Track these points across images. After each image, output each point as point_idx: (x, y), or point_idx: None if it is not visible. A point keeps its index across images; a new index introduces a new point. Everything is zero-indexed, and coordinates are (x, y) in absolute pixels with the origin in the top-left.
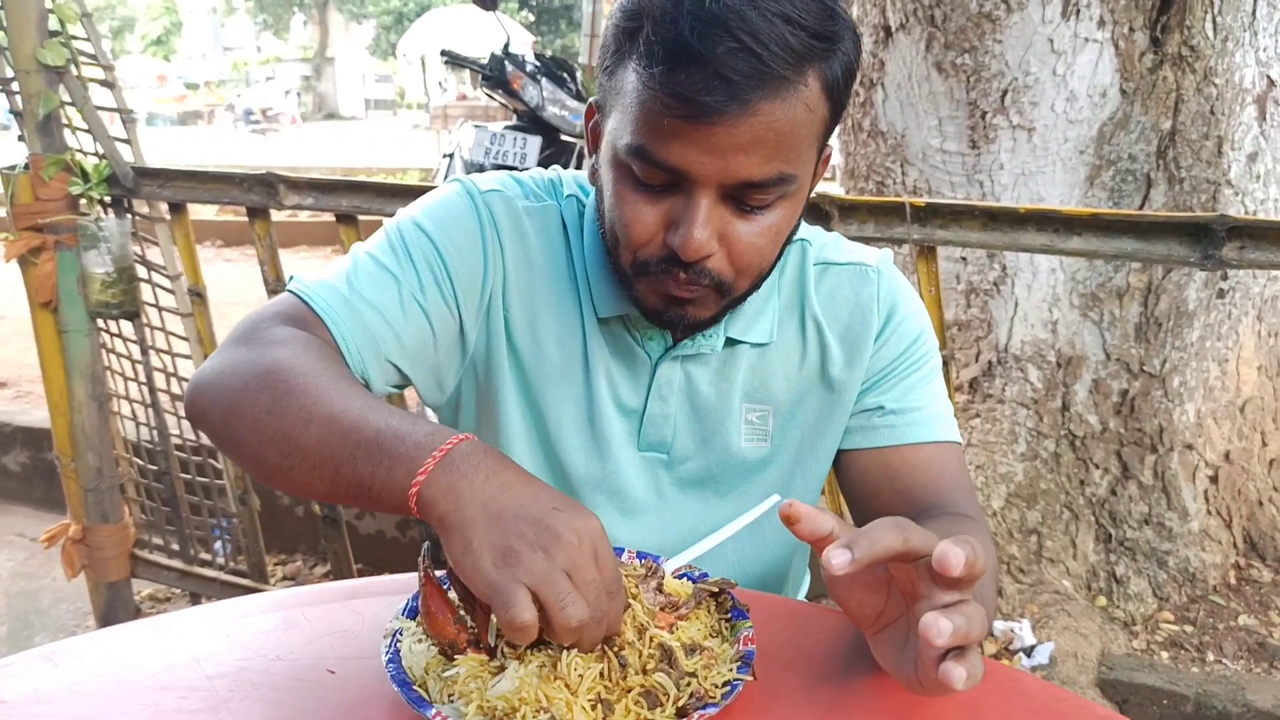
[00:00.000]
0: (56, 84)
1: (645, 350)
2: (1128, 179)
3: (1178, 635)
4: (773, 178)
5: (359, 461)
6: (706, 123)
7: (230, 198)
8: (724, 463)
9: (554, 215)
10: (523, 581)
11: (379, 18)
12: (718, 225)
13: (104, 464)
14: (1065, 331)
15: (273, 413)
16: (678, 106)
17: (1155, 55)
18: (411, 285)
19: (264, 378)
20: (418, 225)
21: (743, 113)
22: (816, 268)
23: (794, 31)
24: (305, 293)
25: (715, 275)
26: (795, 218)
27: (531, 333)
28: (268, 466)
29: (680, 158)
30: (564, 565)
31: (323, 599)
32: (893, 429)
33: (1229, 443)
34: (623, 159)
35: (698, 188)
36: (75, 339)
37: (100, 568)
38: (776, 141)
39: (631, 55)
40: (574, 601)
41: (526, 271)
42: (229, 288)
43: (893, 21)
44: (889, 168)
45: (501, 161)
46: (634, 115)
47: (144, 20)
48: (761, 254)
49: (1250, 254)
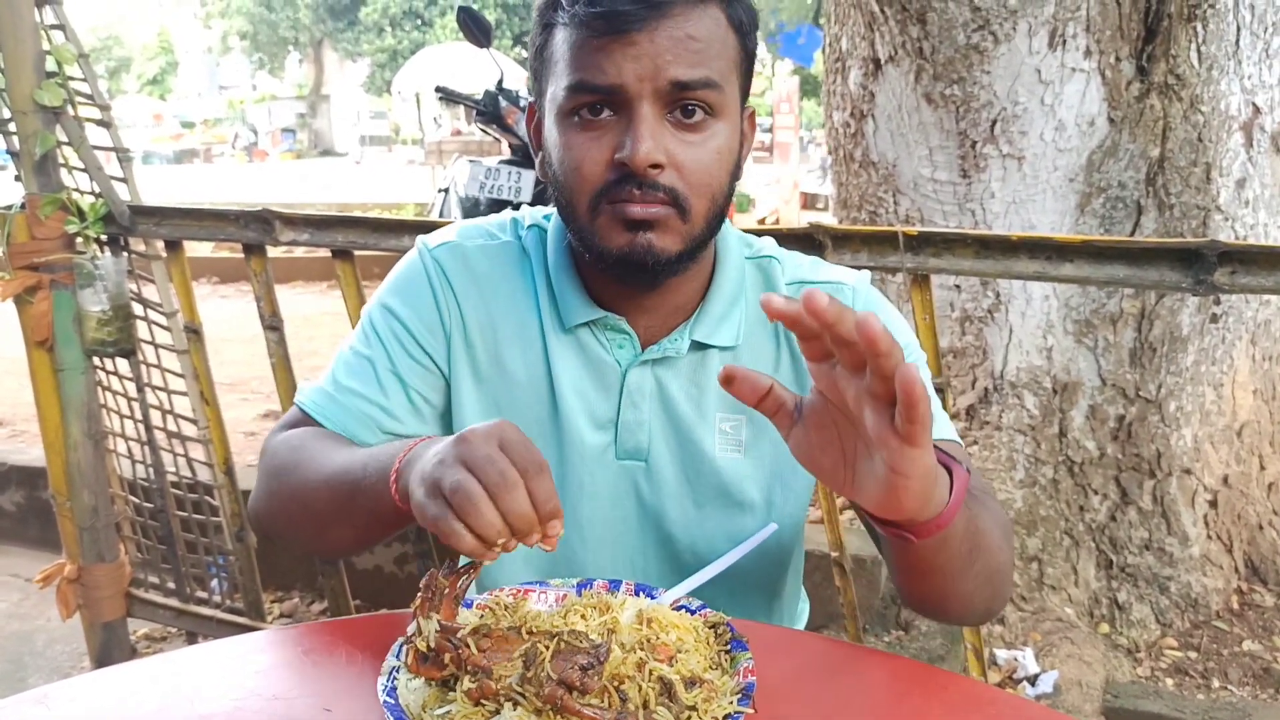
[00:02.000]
0: (53, 124)
1: (615, 358)
2: (1118, 206)
3: (1182, 662)
4: (700, 80)
5: (358, 495)
6: (628, 32)
7: (226, 235)
8: (700, 471)
9: (510, 249)
10: (433, 495)
11: (374, 55)
12: (661, 139)
13: (100, 502)
14: (1060, 358)
15: (295, 497)
16: (602, 25)
17: (1142, 84)
18: (384, 363)
19: (280, 475)
20: (382, 305)
21: (660, 16)
22: (790, 286)
23: None
24: (301, 402)
25: (669, 189)
26: (735, 146)
27: (496, 359)
28: (309, 538)
29: (615, 74)
30: (463, 459)
31: (319, 636)
32: None
33: (1227, 467)
34: (565, 106)
35: (635, 101)
36: (71, 377)
37: (96, 607)
38: (698, 48)
39: (556, 19)
40: (469, 486)
41: (483, 307)
42: (225, 324)
43: (882, 54)
44: (881, 197)
45: (496, 196)
46: (566, 59)
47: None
48: (709, 172)
49: (1241, 279)
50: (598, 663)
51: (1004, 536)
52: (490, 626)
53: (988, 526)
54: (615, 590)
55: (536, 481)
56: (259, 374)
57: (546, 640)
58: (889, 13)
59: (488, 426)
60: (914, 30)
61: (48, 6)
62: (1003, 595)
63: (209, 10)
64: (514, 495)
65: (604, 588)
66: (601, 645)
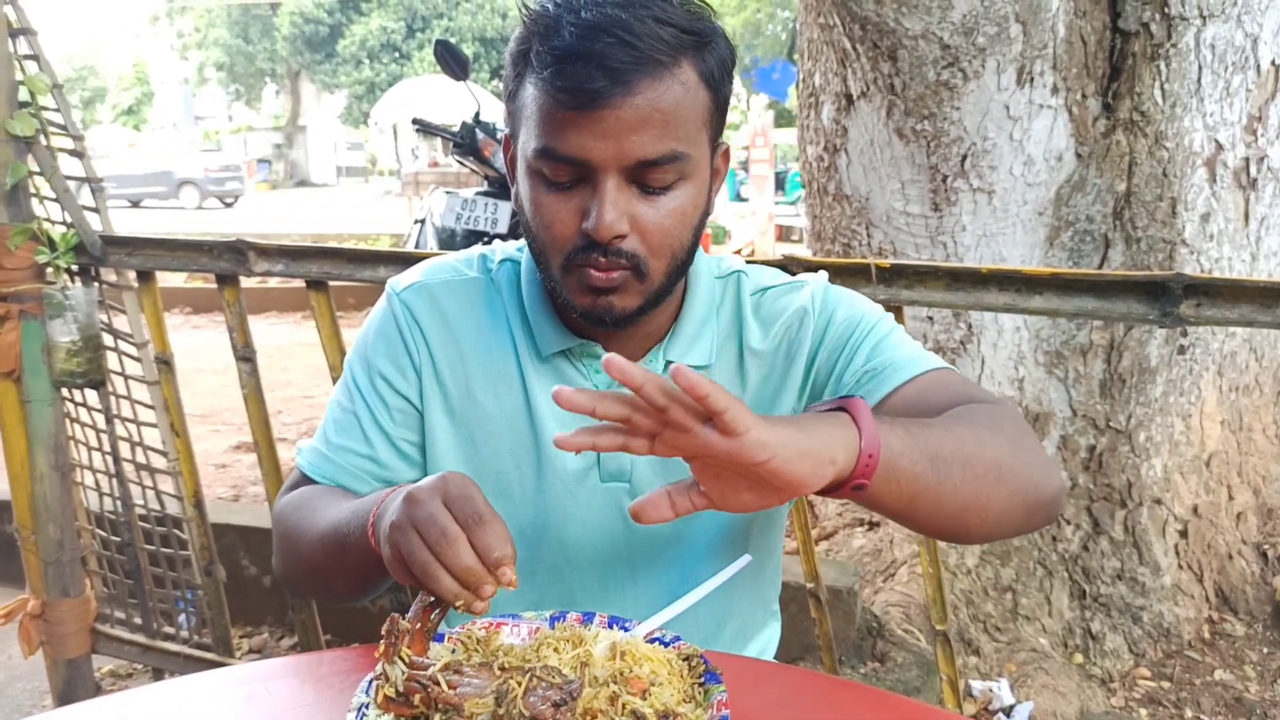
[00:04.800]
0: (25, 154)
1: (592, 382)
2: (1086, 239)
3: (1155, 692)
4: (665, 155)
5: (348, 548)
6: (595, 109)
7: (199, 265)
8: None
9: (478, 284)
10: (397, 559)
11: (351, 87)
12: (625, 207)
13: (65, 536)
14: (1032, 388)
15: (301, 558)
16: (569, 99)
17: (1108, 120)
18: (366, 417)
19: (287, 538)
20: (361, 357)
21: (626, 94)
22: (753, 296)
23: (664, 28)
24: (300, 464)
25: (631, 255)
26: (701, 202)
27: (468, 394)
28: (322, 591)
29: (579, 148)
30: (411, 520)
31: (287, 672)
32: (880, 376)
33: (1197, 497)
34: (534, 165)
35: (601, 173)
36: (38, 409)
37: (59, 644)
38: (663, 121)
39: (527, 73)
40: (417, 550)
41: (452, 343)
42: (197, 355)
43: (854, 90)
44: (854, 230)
45: (473, 227)
46: (535, 121)
47: (115, 90)
48: (670, 235)
49: (1207, 311)
50: (570, 699)
51: (992, 431)
52: (461, 661)
53: (959, 433)
54: (589, 622)
55: (478, 533)
56: (231, 405)
57: (519, 676)
58: (861, 50)
59: (431, 482)
60: (885, 67)
61: (22, 37)
62: (1032, 484)
63: (185, 41)
64: (455, 550)
65: (578, 620)
66: (574, 681)
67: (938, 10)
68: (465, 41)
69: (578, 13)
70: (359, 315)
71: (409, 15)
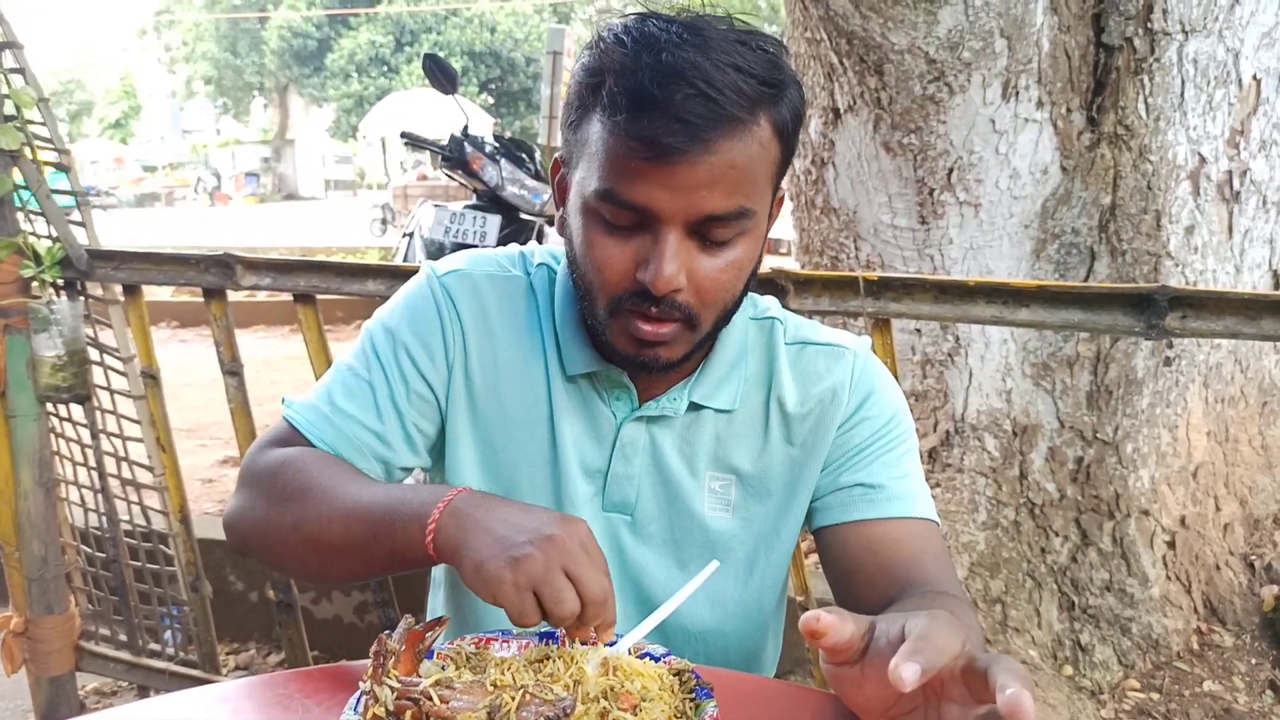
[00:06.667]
0: (10, 168)
1: (611, 410)
2: (1072, 252)
3: (1145, 703)
4: (734, 212)
5: (381, 537)
6: (669, 163)
7: (186, 279)
8: (688, 529)
9: (519, 284)
10: (524, 586)
11: (339, 101)
12: (685, 260)
13: (50, 552)
14: (1019, 400)
15: (300, 528)
16: (642, 149)
17: (1093, 134)
18: (384, 391)
19: (280, 500)
20: (385, 328)
21: (703, 151)
22: (792, 347)
23: (744, 79)
24: (292, 416)
25: (684, 308)
26: (756, 254)
27: (495, 394)
28: (312, 569)
29: (646, 197)
30: (560, 562)
31: (274, 689)
32: (872, 503)
33: (1184, 508)
34: (592, 204)
35: (664, 225)
36: (23, 424)
37: (43, 661)
38: (736, 178)
39: (595, 108)
40: (568, 598)
41: (488, 338)
42: (184, 369)
43: (841, 104)
44: (842, 243)
45: (461, 240)
46: (600, 161)
47: (103, 104)
48: (726, 288)
49: (1192, 323)
50: (564, 715)
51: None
52: (452, 679)
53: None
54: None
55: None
56: (218, 419)
57: (512, 692)
58: (848, 64)
59: (575, 529)
60: (872, 81)
61: (7, 50)
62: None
63: (173, 55)
64: (603, 612)
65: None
66: (567, 699)
67: (923, 25)
68: (454, 56)
69: (657, 54)
70: (347, 329)
71: (397, 29)
